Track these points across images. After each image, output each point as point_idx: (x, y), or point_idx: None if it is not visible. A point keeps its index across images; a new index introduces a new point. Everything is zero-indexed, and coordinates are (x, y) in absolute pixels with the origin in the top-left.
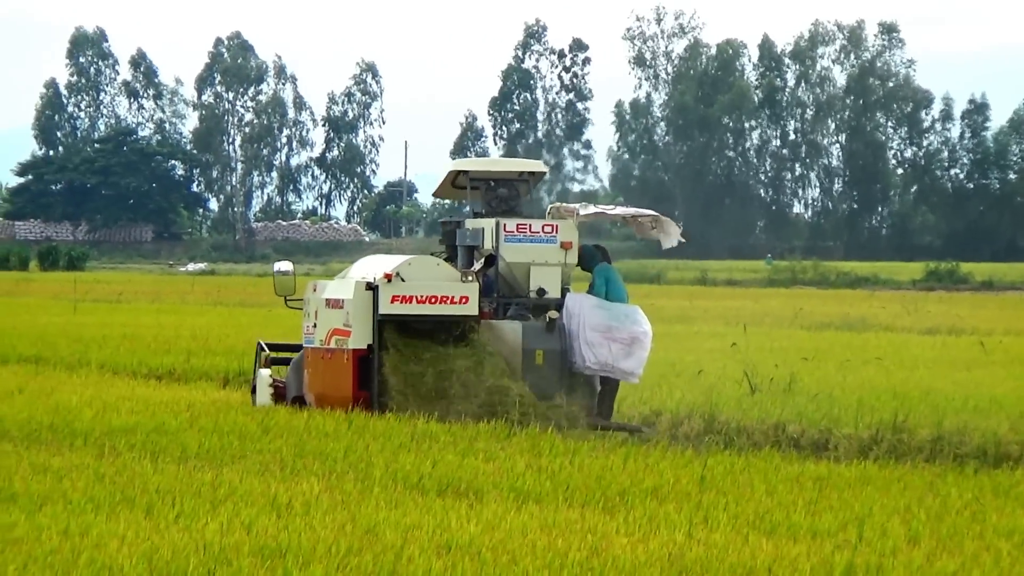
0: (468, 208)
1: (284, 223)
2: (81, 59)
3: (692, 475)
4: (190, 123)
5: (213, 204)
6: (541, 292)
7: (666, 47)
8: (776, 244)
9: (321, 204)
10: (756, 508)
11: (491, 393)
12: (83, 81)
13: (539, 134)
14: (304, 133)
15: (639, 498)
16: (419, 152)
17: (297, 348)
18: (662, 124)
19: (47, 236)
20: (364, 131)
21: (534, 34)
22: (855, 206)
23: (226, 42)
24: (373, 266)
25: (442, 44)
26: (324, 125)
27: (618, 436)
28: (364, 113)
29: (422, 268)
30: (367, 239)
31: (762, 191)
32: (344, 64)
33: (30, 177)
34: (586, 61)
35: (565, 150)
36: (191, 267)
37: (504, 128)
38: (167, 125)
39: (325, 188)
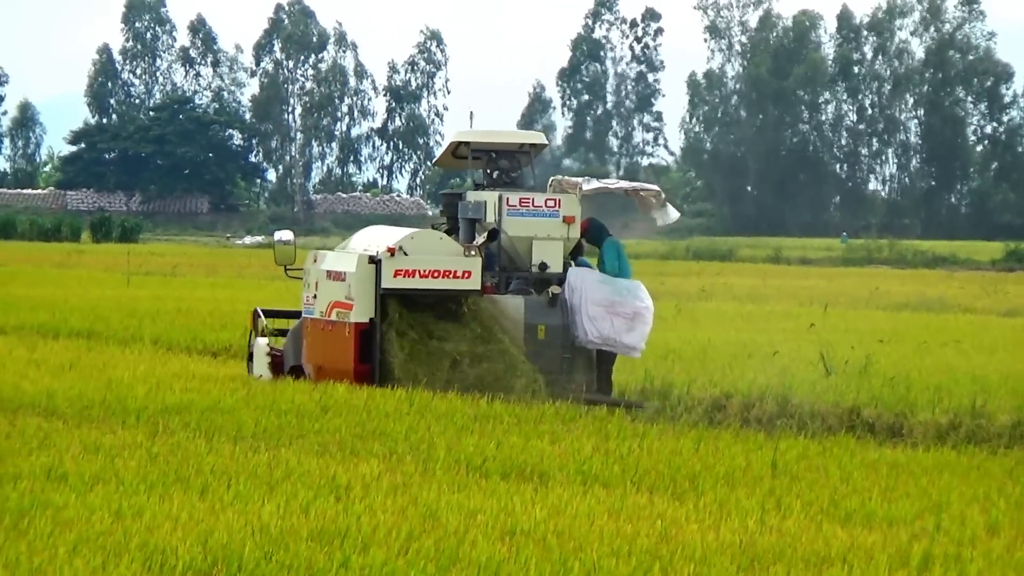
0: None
1: (344, 195)
2: (137, 24)
3: (764, 460)
4: (249, 91)
5: (271, 175)
6: (543, 266)
7: (740, 17)
8: (851, 222)
9: (382, 176)
10: (830, 495)
11: (496, 366)
12: (138, 47)
13: (608, 105)
14: (365, 103)
15: (710, 483)
16: (485, 124)
17: (296, 315)
18: (735, 97)
19: (100, 206)
20: (427, 101)
21: (605, 3)
22: (933, 183)
23: (287, 8)
24: (375, 238)
25: (510, 12)
26: (385, 95)
27: (688, 420)
28: (428, 83)
29: (425, 242)
30: (429, 212)
31: (837, 167)
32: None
33: (82, 146)
34: (658, 32)
35: (635, 122)
36: (248, 240)
37: (572, 99)
38: (225, 93)
39: (386, 160)
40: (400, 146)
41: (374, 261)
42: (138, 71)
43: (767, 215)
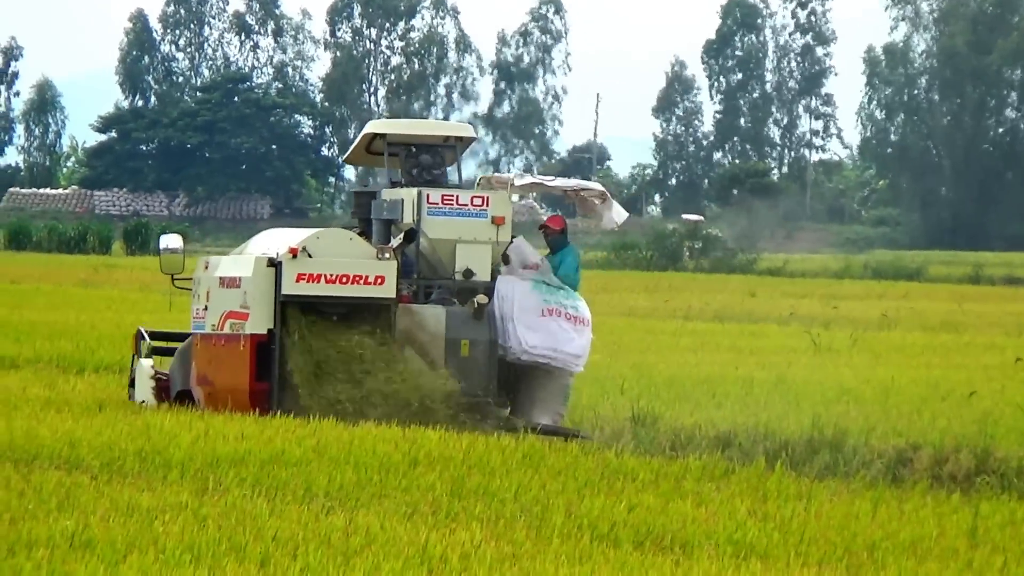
0: (385, 177)
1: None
2: None
3: (960, 526)
4: (320, 68)
5: (348, 172)
6: (468, 274)
7: None
8: None
9: (488, 172)
10: None
11: (411, 390)
12: (181, 13)
13: (767, 86)
14: (468, 82)
15: (892, 554)
16: (613, 109)
17: (184, 337)
18: (925, 76)
19: (135, 210)
20: (544, 81)
21: None
22: None
23: None
24: (276, 240)
25: None
26: (493, 72)
27: (866, 476)
28: (544, 58)
29: (333, 243)
30: (544, 217)
31: None
32: None
33: (114, 134)
34: None
35: (799, 107)
36: None
37: (722, 79)
38: (290, 70)
39: (493, 153)
40: (510, 136)
41: (273, 264)
42: (181, 42)
43: (965, 224)
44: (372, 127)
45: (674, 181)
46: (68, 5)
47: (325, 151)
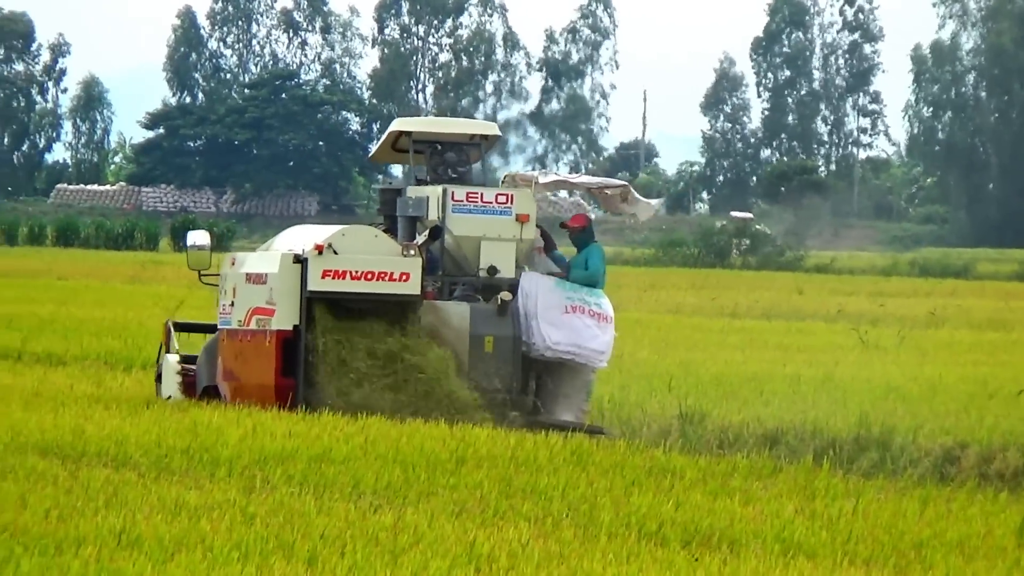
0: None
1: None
2: None
3: (1008, 525)
4: (368, 64)
5: (396, 169)
6: (493, 270)
7: None
8: None
9: (535, 170)
10: None
11: (434, 384)
12: (229, 9)
13: (814, 84)
14: (516, 79)
15: (940, 553)
16: (661, 106)
17: (212, 329)
18: (972, 74)
19: (182, 207)
20: (592, 78)
21: None
22: None
23: None
24: (302, 237)
25: None
26: (541, 69)
27: (913, 475)
28: (592, 55)
29: (358, 240)
30: (592, 216)
31: None
32: None
33: (161, 131)
34: None
35: (847, 104)
36: None
37: (770, 76)
38: (338, 67)
39: (540, 149)
40: (558, 133)
41: (299, 260)
42: (229, 39)
43: (1013, 221)
44: (398, 125)
45: (721, 178)
46: (113, 2)
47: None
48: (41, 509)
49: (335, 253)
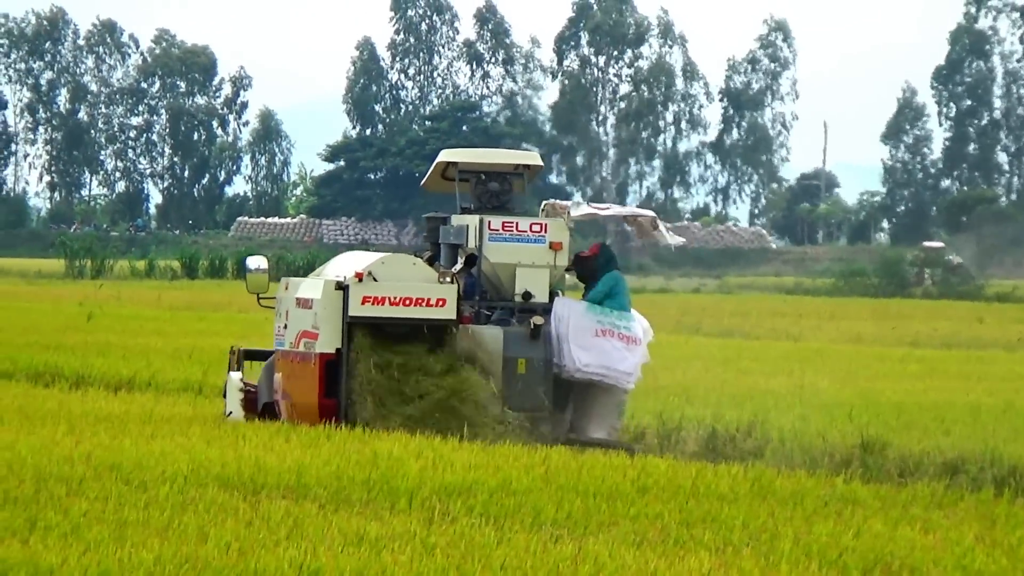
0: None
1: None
2: (410, 12)
3: None
4: (548, 96)
5: (578, 198)
6: (527, 296)
7: None
8: None
9: (716, 201)
10: None
11: (468, 405)
12: (411, 41)
13: (995, 113)
14: (696, 110)
15: None
16: (842, 135)
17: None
18: None
19: (363, 239)
20: (772, 108)
21: None
22: None
23: None
24: (349, 264)
25: None
26: (722, 99)
27: None
28: (772, 85)
29: (397, 267)
30: (773, 246)
31: None
32: (747, 22)
33: (342, 163)
34: None
35: None
36: None
37: (951, 105)
38: (519, 99)
39: (721, 180)
40: (739, 164)
41: (341, 287)
42: (410, 71)
43: None
44: (445, 156)
45: (902, 208)
46: (291, 32)
47: (554, 179)
48: (222, 542)
49: (375, 280)
